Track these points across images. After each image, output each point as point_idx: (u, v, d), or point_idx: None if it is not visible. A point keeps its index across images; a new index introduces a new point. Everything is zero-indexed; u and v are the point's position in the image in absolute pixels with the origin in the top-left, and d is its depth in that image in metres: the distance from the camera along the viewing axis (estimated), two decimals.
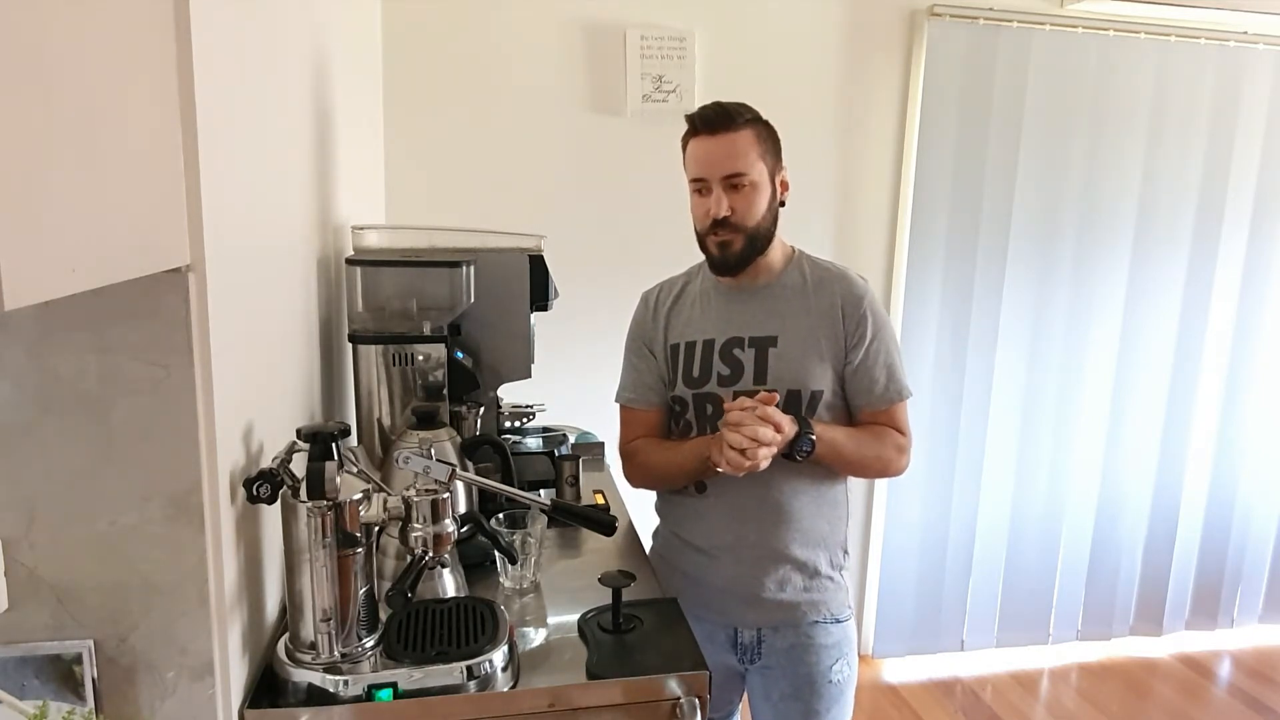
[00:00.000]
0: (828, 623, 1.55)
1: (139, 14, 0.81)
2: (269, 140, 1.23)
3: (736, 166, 1.43)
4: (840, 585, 1.58)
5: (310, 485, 1.07)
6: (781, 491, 1.51)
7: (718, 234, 1.47)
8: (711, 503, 1.54)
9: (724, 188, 1.44)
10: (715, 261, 1.51)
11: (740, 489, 1.49)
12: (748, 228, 1.46)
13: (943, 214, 2.85)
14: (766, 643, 1.55)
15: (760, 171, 1.45)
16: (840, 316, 1.49)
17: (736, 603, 1.54)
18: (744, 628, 1.55)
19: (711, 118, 1.45)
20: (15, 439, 0.90)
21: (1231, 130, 3.00)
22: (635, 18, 2.58)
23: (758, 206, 1.46)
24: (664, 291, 1.63)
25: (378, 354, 1.51)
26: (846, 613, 1.59)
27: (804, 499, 1.52)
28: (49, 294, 0.65)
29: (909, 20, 2.76)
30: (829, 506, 1.55)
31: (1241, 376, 3.22)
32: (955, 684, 3.05)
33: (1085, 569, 3.24)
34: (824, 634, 1.55)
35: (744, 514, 1.52)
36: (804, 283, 1.53)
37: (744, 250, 1.48)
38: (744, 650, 1.56)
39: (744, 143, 1.44)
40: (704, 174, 1.45)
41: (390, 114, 2.49)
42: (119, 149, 0.77)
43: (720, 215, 1.44)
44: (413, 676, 1.10)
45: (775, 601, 1.53)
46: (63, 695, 0.95)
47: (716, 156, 1.44)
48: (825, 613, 1.55)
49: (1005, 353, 3.00)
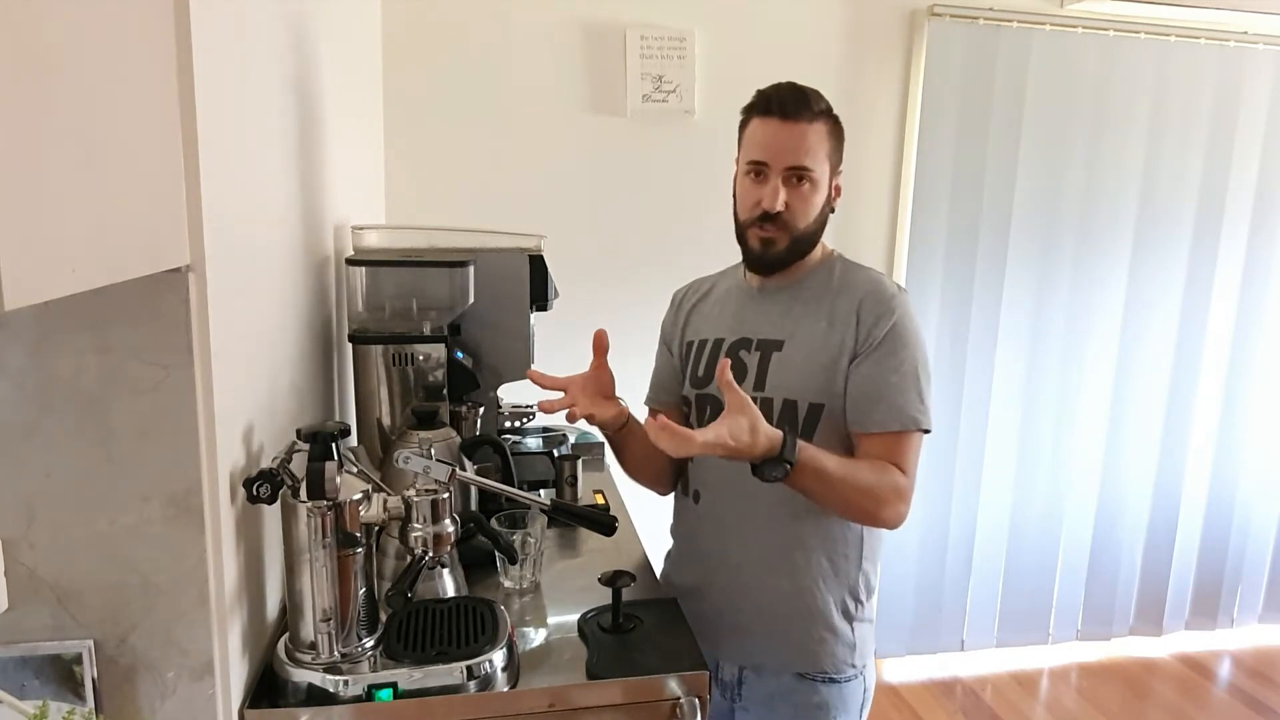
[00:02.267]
0: (817, 680, 1.34)
1: (139, 14, 0.81)
2: (269, 140, 1.23)
3: (803, 160, 1.28)
4: (844, 639, 1.36)
5: (310, 485, 1.07)
6: (777, 511, 1.33)
7: (763, 228, 1.32)
8: (703, 513, 1.42)
9: (784, 179, 1.30)
10: (753, 257, 1.37)
11: (731, 499, 1.36)
12: (797, 229, 1.32)
13: (943, 214, 2.85)
14: (747, 684, 1.38)
15: (824, 171, 1.32)
16: (855, 318, 1.32)
17: (720, 632, 1.38)
18: (725, 661, 1.40)
19: (787, 100, 1.29)
20: (15, 439, 0.90)
21: (1231, 130, 2.99)
22: (635, 18, 2.58)
23: (813, 208, 1.32)
24: (692, 290, 1.54)
25: (378, 354, 1.51)
26: (849, 672, 1.36)
27: (804, 526, 1.33)
28: (49, 294, 0.65)
29: (909, 20, 2.76)
30: (835, 542, 1.35)
31: (1241, 376, 3.22)
32: (955, 684, 3.05)
33: (1085, 569, 3.23)
34: (808, 691, 1.34)
35: (733, 529, 1.37)
36: (829, 285, 1.37)
37: (786, 251, 1.34)
38: (724, 688, 1.41)
39: (816, 136, 1.29)
40: (766, 159, 1.30)
41: (390, 114, 2.49)
42: (119, 149, 0.77)
43: (774, 209, 1.30)
44: (413, 676, 1.10)
45: (758, 639, 1.36)
46: (63, 695, 0.95)
47: (785, 144, 1.29)
48: (815, 667, 1.34)
49: (1005, 352, 3.00)
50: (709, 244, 1.57)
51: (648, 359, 1.68)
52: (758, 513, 1.35)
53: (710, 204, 2.57)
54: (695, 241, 2.62)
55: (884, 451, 1.29)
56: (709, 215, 2.57)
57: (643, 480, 1.53)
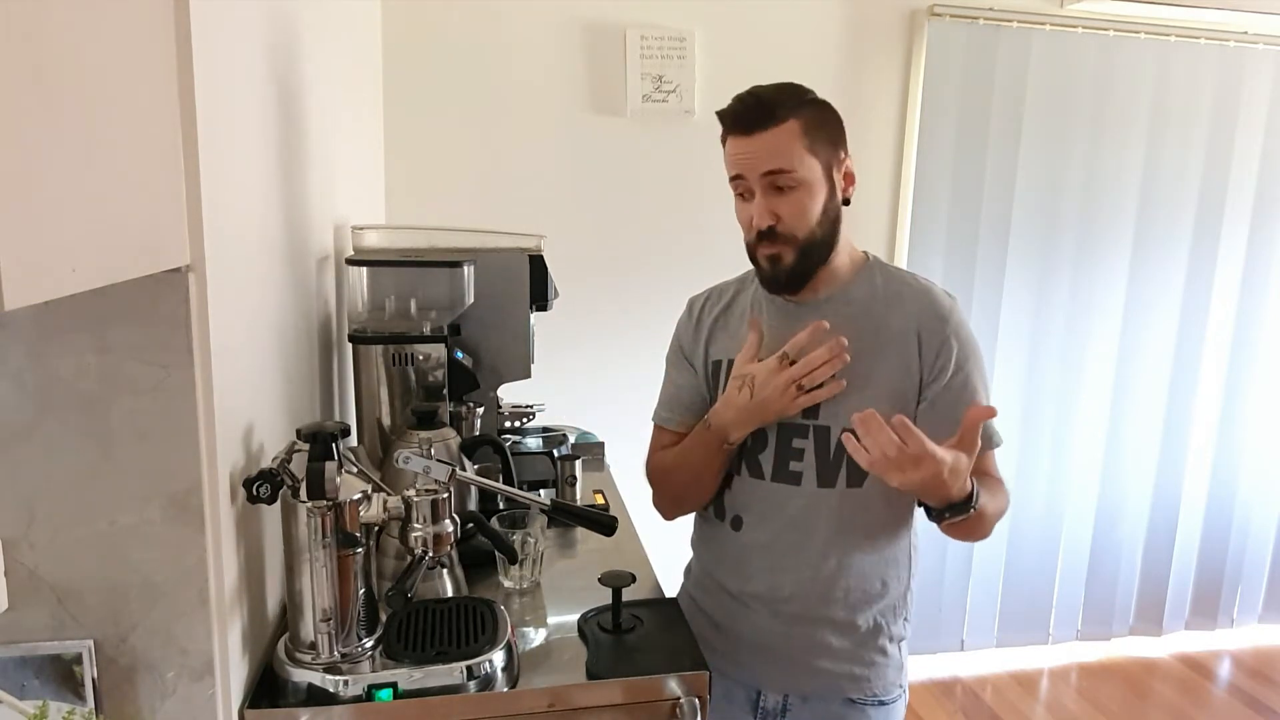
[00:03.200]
0: (868, 704, 1.32)
1: (139, 14, 0.81)
2: (269, 140, 1.23)
3: (778, 163, 1.20)
4: (893, 660, 1.34)
5: (310, 485, 1.07)
6: (830, 541, 1.28)
7: (764, 246, 1.24)
8: (746, 541, 1.33)
9: (766, 190, 1.21)
10: (765, 277, 1.28)
11: (779, 529, 1.30)
12: (798, 238, 1.22)
13: (942, 214, 2.86)
14: (792, 713, 1.34)
15: (810, 167, 1.21)
16: (917, 343, 1.24)
17: (764, 662, 1.34)
18: (769, 691, 1.34)
19: (743, 114, 1.21)
20: (15, 439, 0.90)
21: (1231, 130, 3.00)
22: (635, 18, 2.58)
23: (809, 211, 1.22)
24: (712, 299, 1.41)
25: (378, 354, 1.51)
26: (896, 693, 1.35)
27: (858, 553, 1.29)
28: (49, 294, 0.64)
29: (909, 20, 2.76)
30: (888, 564, 1.32)
31: (1241, 376, 3.22)
32: (955, 684, 3.05)
33: (1085, 569, 3.24)
34: (859, 716, 1.32)
35: (781, 560, 1.31)
36: (874, 298, 1.28)
37: (797, 265, 1.24)
38: (765, 715, 1.35)
39: (787, 136, 1.19)
40: (741, 172, 1.23)
41: (390, 114, 2.49)
42: (119, 149, 0.77)
43: (764, 225, 1.22)
44: (413, 676, 1.10)
45: (809, 668, 1.32)
46: (63, 695, 0.95)
47: (754, 154, 1.21)
48: (867, 691, 1.32)
49: (1005, 352, 3.00)
50: (709, 244, 1.57)
51: (648, 358, 1.67)
52: (811, 543, 1.29)
53: (710, 204, 2.57)
54: (695, 241, 2.63)
55: (987, 471, 1.31)
56: (709, 215, 2.57)
57: (690, 498, 1.40)
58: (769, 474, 1.30)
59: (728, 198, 1.42)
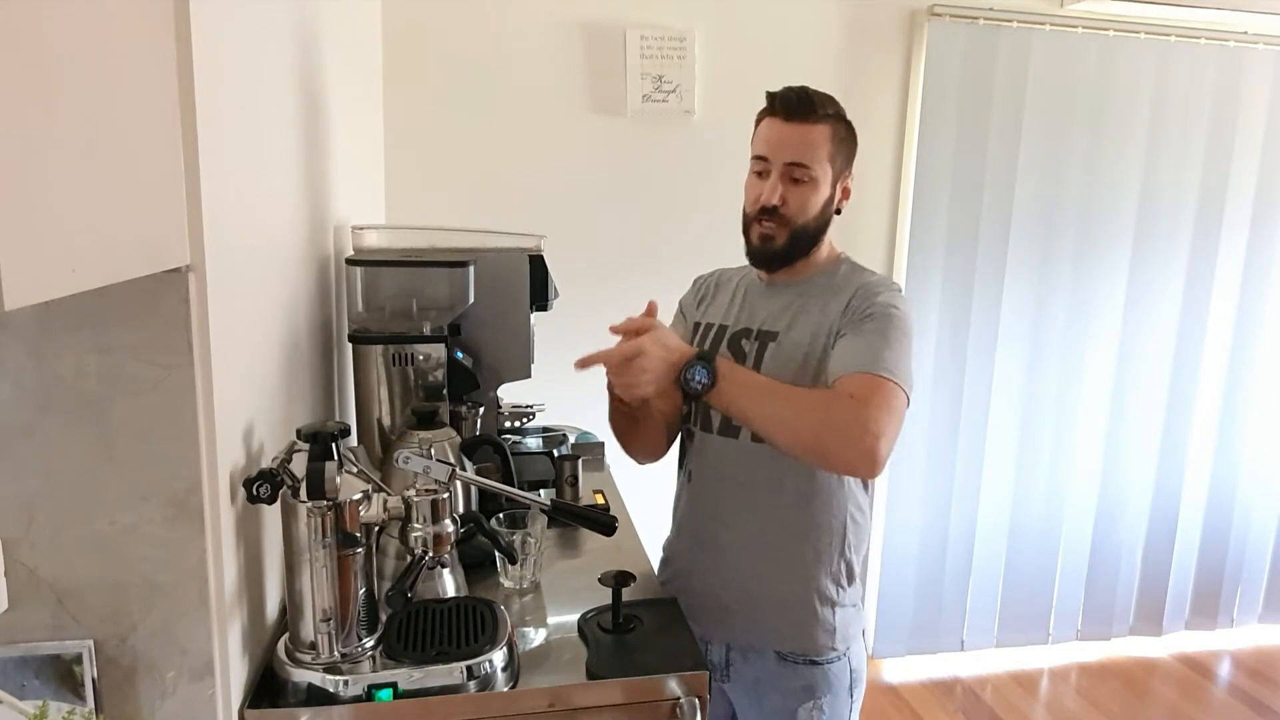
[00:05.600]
0: (799, 662, 1.39)
1: (139, 14, 0.81)
2: (269, 140, 1.23)
3: (802, 157, 1.34)
4: (823, 623, 1.39)
5: (310, 485, 1.07)
6: (761, 495, 1.38)
7: (763, 223, 1.38)
8: (696, 493, 1.47)
9: (783, 175, 1.35)
10: (753, 251, 1.43)
11: (721, 483, 1.42)
12: (795, 224, 1.37)
13: (943, 214, 2.85)
14: (734, 666, 1.44)
15: (825, 171, 1.37)
16: (845, 306, 1.36)
17: (707, 612, 1.43)
18: (713, 643, 1.45)
19: (792, 102, 1.35)
20: (15, 439, 0.90)
21: (1231, 130, 3.00)
22: (635, 18, 2.58)
23: (811, 205, 1.37)
24: (717, 274, 1.59)
25: (378, 354, 1.51)
26: (831, 654, 1.39)
27: (786, 512, 1.38)
28: (49, 294, 0.65)
29: (909, 20, 2.76)
30: (819, 530, 1.38)
31: (1242, 376, 3.22)
32: (955, 684, 3.05)
33: (1085, 569, 3.24)
34: (790, 675, 1.39)
35: (717, 510, 1.43)
36: (831, 282, 1.42)
37: (785, 247, 1.39)
38: (714, 669, 1.45)
39: (818, 136, 1.35)
40: (767, 153, 1.36)
41: (390, 114, 2.49)
42: (119, 149, 0.77)
43: (771, 203, 1.36)
44: (413, 676, 1.10)
45: (741, 619, 1.41)
46: (63, 695, 0.95)
47: (785, 141, 1.35)
48: (794, 648, 1.39)
49: (1005, 352, 3.00)
50: (709, 243, 1.58)
51: None
52: (746, 498, 1.40)
53: (710, 204, 2.57)
54: (695, 241, 2.63)
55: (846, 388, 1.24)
56: (709, 215, 2.57)
57: (635, 446, 1.53)
58: (716, 428, 1.42)
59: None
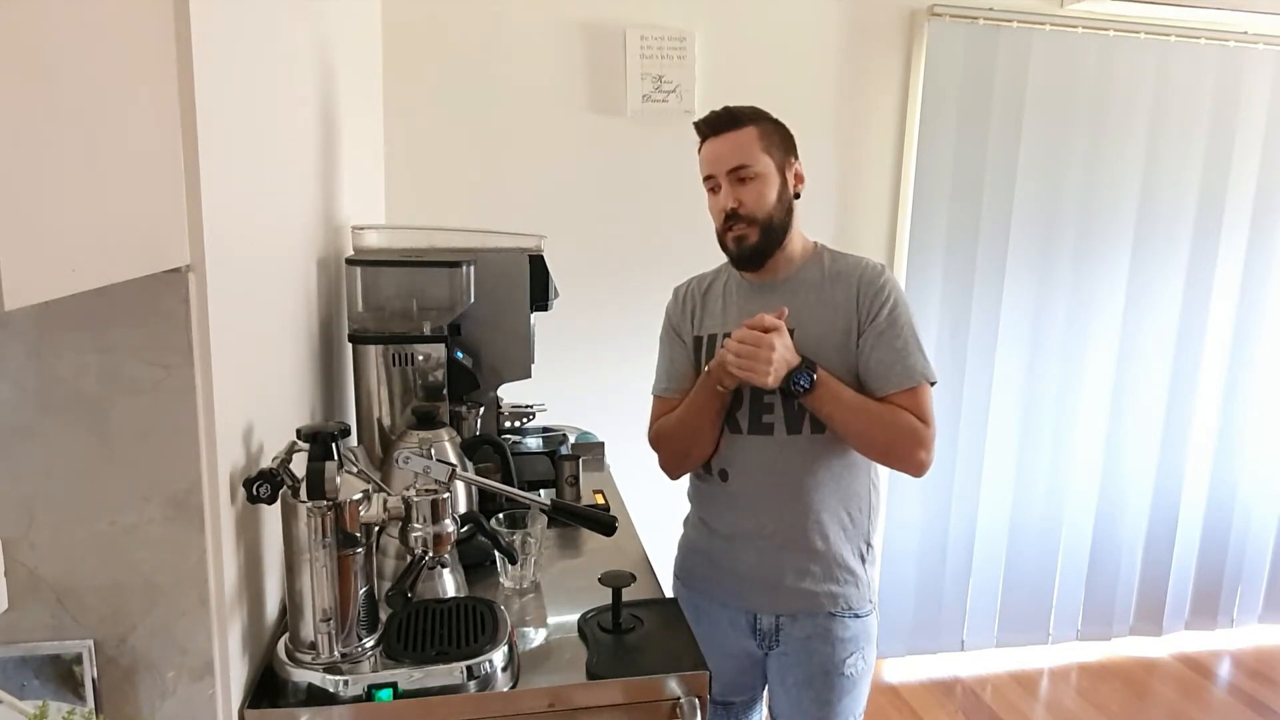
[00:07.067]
0: (845, 616, 1.55)
1: (139, 14, 0.81)
2: (269, 140, 1.23)
3: (740, 159, 1.48)
4: (861, 580, 1.58)
5: (310, 485, 1.07)
6: (802, 482, 1.52)
7: (732, 228, 1.50)
8: (734, 490, 1.56)
9: (731, 182, 1.49)
10: (734, 256, 1.54)
11: (761, 477, 1.53)
12: (759, 218, 1.49)
13: (942, 214, 2.85)
14: (784, 630, 1.56)
15: (766, 164, 1.49)
16: (856, 297, 1.50)
17: (757, 590, 1.56)
18: (763, 614, 1.57)
19: (714, 120, 1.51)
20: (15, 439, 0.90)
21: (1231, 130, 3.00)
22: (635, 18, 2.58)
23: (766, 197, 1.49)
24: (693, 285, 1.66)
25: (378, 354, 1.51)
26: (867, 608, 1.59)
27: (825, 491, 1.52)
28: (49, 294, 0.65)
29: (909, 20, 2.76)
30: (851, 499, 1.55)
31: (1241, 376, 3.22)
32: (955, 684, 3.05)
33: (1085, 569, 3.24)
34: (841, 627, 1.55)
35: (764, 502, 1.53)
36: (822, 276, 1.54)
37: (760, 242, 1.50)
38: (763, 636, 1.57)
39: (747, 138, 1.48)
40: (712, 170, 1.51)
41: (390, 114, 2.49)
42: (119, 149, 0.77)
43: (729, 207, 1.49)
44: (413, 676, 1.10)
45: (794, 590, 1.54)
46: (63, 695, 0.95)
47: (721, 153, 1.49)
48: (843, 605, 1.55)
49: (1005, 352, 3.00)
50: (709, 243, 1.58)
51: (649, 358, 1.68)
52: (788, 485, 1.52)
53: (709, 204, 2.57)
54: (695, 241, 2.61)
55: (904, 405, 1.48)
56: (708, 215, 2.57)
57: (694, 452, 1.58)
58: (746, 428, 1.53)
59: None
